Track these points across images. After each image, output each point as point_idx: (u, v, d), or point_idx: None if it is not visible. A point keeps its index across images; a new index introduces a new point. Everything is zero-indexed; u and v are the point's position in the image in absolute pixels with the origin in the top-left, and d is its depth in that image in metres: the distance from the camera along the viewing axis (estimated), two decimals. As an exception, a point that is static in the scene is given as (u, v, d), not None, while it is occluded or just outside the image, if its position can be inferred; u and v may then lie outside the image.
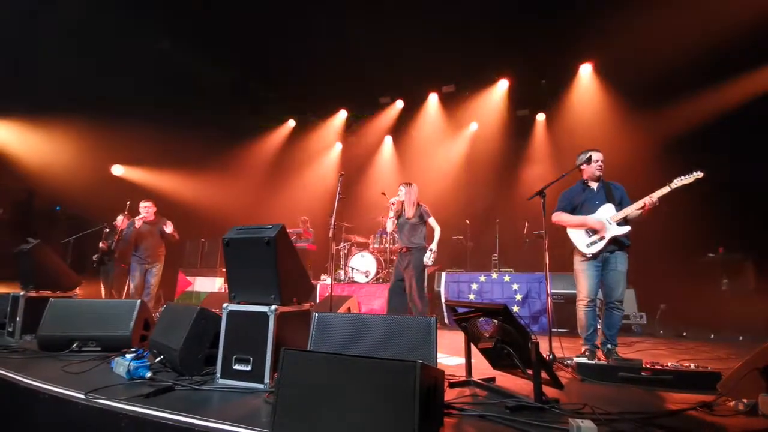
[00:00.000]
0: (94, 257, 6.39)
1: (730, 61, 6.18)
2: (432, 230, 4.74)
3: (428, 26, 7.19)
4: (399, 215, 4.77)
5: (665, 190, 3.20)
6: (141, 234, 5.78)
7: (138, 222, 5.72)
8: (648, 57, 6.59)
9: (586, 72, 7.95)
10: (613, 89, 7.64)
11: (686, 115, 6.67)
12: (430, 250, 4.60)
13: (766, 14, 5.45)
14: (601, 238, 3.37)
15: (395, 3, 6.71)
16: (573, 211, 3.59)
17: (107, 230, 6.51)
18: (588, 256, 3.42)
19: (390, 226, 4.89)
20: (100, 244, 6.36)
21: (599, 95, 7.81)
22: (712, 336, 5.08)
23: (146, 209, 5.82)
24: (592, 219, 3.43)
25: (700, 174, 3.18)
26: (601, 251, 3.37)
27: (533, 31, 7.14)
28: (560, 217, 3.61)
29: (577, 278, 3.52)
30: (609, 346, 3.29)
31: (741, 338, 4.89)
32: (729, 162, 6.19)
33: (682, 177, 3.20)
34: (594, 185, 3.58)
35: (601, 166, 3.55)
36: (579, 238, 3.50)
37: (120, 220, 6.37)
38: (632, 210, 3.30)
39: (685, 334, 5.23)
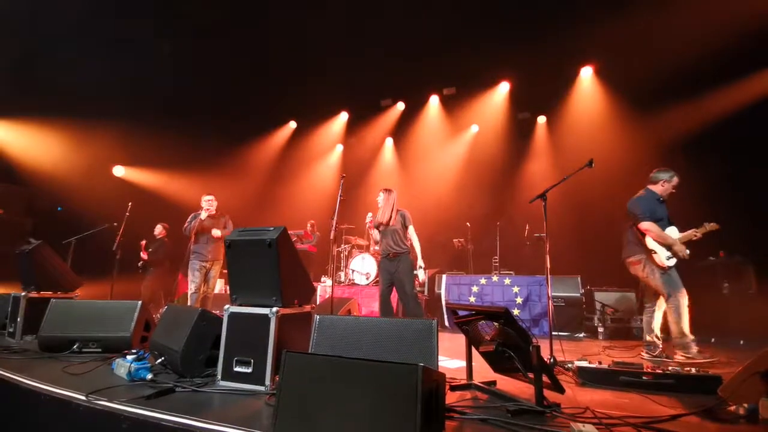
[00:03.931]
0: (139, 264, 7.18)
1: (731, 64, 6.18)
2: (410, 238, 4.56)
3: (429, 28, 7.22)
4: (379, 224, 4.65)
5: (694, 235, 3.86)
6: (204, 228, 5.32)
7: (204, 215, 5.28)
8: (648, 59, 6.61)
9: (587, 75, 7.98)
10: (614, 92, 7.65)
11: (687, 117, 6.67)
12: (421, 267, 4.45)
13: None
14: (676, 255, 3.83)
15: (395, 4, 6.74)
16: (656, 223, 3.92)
17: (144, 242, 7.23)
18: (668, 267, 3.82)
19: (376, 235, 4.72)
20: (142, 254, 7.11)
21: (600, 98, 7.83)
22: (713, 340, 5.07)
23: (209, 202, 5.37)
24: (680, 247, 3.82)
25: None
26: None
27: (534, 33, 7.16)
28: (653, 228, 3.85)
29: (671, 282, 3.78)
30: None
31: (742, 342, 4.88)
32: (729, 165, 6.20)
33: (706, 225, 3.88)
34: (664, 204, 3.99)
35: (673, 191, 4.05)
36: (662, 251, 3.84)
37: (159, 230, 7.28)
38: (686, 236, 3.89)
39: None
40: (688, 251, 3.81)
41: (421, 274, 4.53)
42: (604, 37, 6.58)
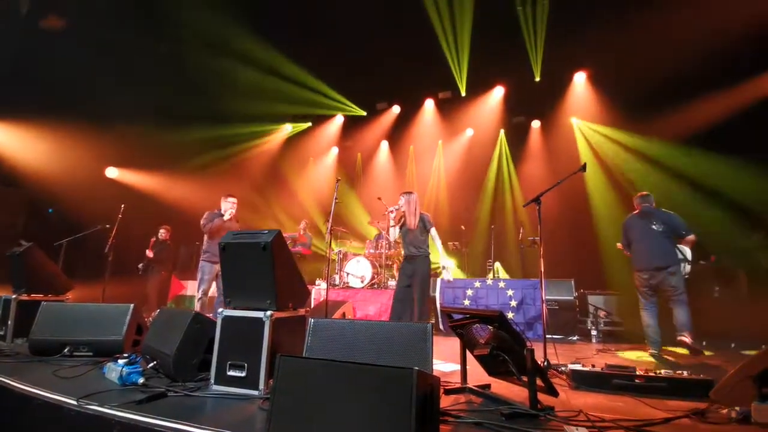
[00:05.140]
0: (140, 266, 7.18)
1: (724, 70, 6.25)
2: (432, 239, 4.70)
3: (425, 32, 7.26)
4: (402, 224, 4.72)
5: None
6: (224, 229, 5.09)
7: (228, 216, 5.20)
8: (642, 65, 6.68)
9: (580, 80, 8.05)
10: (607, 97, 7.72)
11: (679, 123, 6.74)
12: (444, 268, 4.89)
13: (764, 21, 5.51)
14: None
15: (392, 7, 6.78)
16: None
17: (153, 239, 7.41)
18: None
19: (393, 235, 4.79)
20: (148, 252, 7.21)
21: (593, 103, 7.89)
22: (704, 343, 5.11)
23: (234, 205, 5.30)
24: None
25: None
26: None
27: (529, 38, 7.23)
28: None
29: None
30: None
31: (733, 346, 4.92)
32: (721, 170, 6.27)
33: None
34: None
35: None
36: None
37: (162, 233, 7.49)
38: None
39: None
40: None
41: (446, 274, 5.06)
42: (598, 43, 6.65)
